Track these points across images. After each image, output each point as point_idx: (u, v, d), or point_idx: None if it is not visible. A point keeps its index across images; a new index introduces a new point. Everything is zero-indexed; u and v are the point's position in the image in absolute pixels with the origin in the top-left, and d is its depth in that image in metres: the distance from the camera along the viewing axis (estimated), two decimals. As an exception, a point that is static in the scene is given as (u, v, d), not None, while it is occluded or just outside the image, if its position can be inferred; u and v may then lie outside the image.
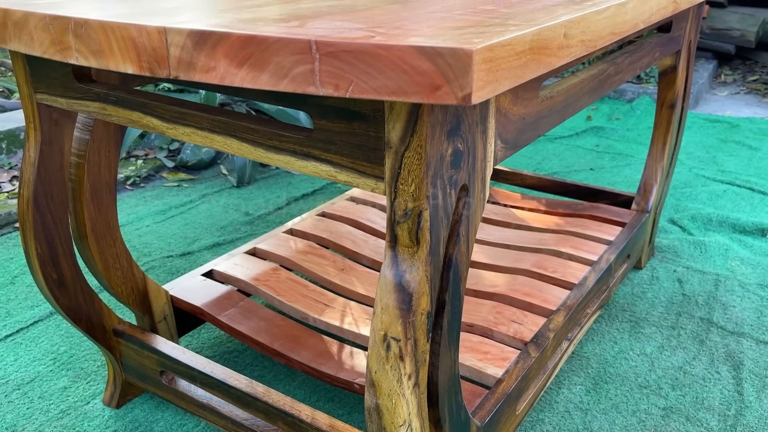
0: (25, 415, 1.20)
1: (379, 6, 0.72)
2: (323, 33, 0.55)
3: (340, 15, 0.65)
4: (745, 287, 1.62)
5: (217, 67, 0.57)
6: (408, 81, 0.52)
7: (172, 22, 0.60)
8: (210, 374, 1.05)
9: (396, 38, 0.54)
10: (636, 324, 1.48)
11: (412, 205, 0.64)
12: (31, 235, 1.00)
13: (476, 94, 0.52)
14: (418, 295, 0.67)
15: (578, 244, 1.47)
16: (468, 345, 1.12)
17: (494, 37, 0.55)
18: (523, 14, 0.67)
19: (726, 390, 1.27)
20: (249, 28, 0.56)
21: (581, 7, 0.74)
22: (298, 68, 0.54)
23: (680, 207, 2.06)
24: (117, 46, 0.61)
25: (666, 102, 1.59)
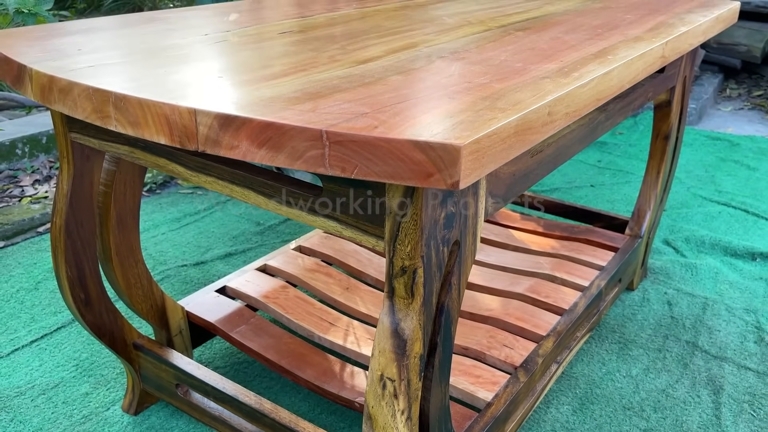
0: (50, 420, 1.30)
1: (384, 78, 0.80)
2: (332, 120, 0.63)
3: (348, 92, 0.73)
4: (731, 311, 1.70)
5: (240, 146, 0.65)
6: (404, 168, 0.61)
7: (201, 100, 0.68)
8: (222, 390, 1.14)
9: (395, 127, 0.62)
10: (624, 345, 1.56)
11: (408, 263, 0.73)
12: (62, 260, 1.09)
13: (463, 181, 0.61)
14: (412, 341, 0.75)
15: (571, 269, 1.55)
16: (462, 368, 1.20)
17: (481, 128, 0.63)
18: (512, 92, 0.75)
19: (705, 414, 1.35)
20: (268, 113, 0.65)
21: (567, 80, 0.81)
22: (311, 152, 0.63)
23: (675, 228, 2.14)
24: (152, 121, 0.69)
25: (661, 133, 1.66)
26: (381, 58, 0.90)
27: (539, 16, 1.29)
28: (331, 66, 0.85)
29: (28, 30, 1.07)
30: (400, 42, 1.01)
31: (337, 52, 0.93)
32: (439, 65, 0.87)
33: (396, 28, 1.13)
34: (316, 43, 0.98)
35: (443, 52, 0.95)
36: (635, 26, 1.20)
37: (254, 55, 0.90)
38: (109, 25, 1.13)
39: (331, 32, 1.07)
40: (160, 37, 1.02)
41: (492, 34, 1.09)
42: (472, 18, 1.24)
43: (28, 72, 0.81)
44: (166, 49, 0.93)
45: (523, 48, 0.99)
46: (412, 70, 0.84)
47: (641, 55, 0.99)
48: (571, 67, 0.88)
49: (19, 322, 1.61)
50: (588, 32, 1.13)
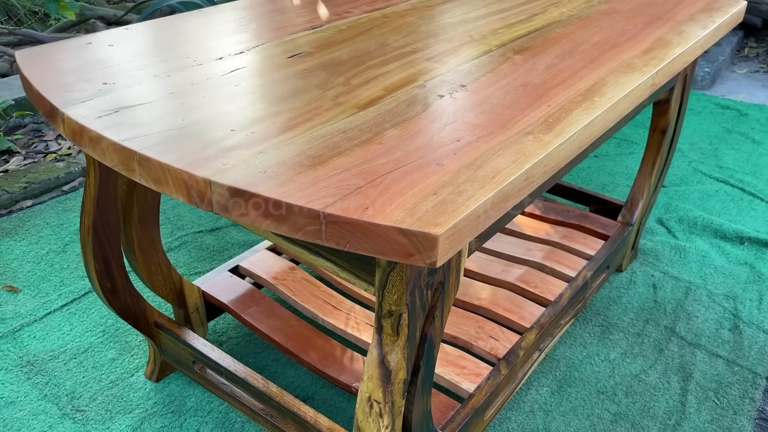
0: (81, 383, 1.46)
1: (381, 133, 0.88)
2: (329, 197, 0.72)
3: (347, 155, 0.82)
4: (712, 297, 1.80)
5: (248, 214, 0.75)
6: (389, 248, 0.70)
7: (215, 165, 0.78)
8: (234, 372, 1.27)
9: (384, 208, 0.71)
10: (606, 329, 1.68)
11: (395, 309, 0.84)
12: (91, 256, 1.21)
13: (440, 260, 0.70)
14: (396, 370, 0.87)
15: (561, 258, 1.65)
16: (450, 359, 1.33)
17: (460, 209, 0.72)
18: (495, 156, 0.83)
19: (672, 400, 1.49)
20: (272, 188, 0.74)
21: (549, 136, 0.89)
22: (310, 227, 0.72)
23: (671, 207, 2.21)
24: (172, 182, 0.79)
25: (658, 128, 1.72)
26: (381, 100, 0.97)
27: (541, 28, 1.33)
28: (334, 112, 0.93)
29: (58, 48, 1.14)
30: (402, 73, 1.08)
31: (341, 91, 1.00)
32: (434, 111, 0.94)
33: (400, 48, 1.19)
34: (322, 75, 1.06)
35: (441, 89, 1.02)
36: (632, 44, 1.25)
37: (265, 95, 0.97)
38: (127, 42, 1.20)
39: (338, 56, 1.14)
40: (176, 65, 1.09)
41: (490, 60, 1.14)
42: (474, 32, 1.29)
43: (61, 115, 0.90)
44: (184, 87, 1.01)
45: (517, 83, 1.06)
46: (408, 120, 0.92)
47: (628, 94, 1.06)
48: (557, 115, 0.95)
49: (50, 285, 1.75)
50: (584, 56, 1.18)
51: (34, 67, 1.05)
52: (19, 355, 1.52)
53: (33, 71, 1.03)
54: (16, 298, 1.69)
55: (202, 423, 1.37)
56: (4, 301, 1.69)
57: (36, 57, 1.09)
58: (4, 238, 1.93)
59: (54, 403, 1.40)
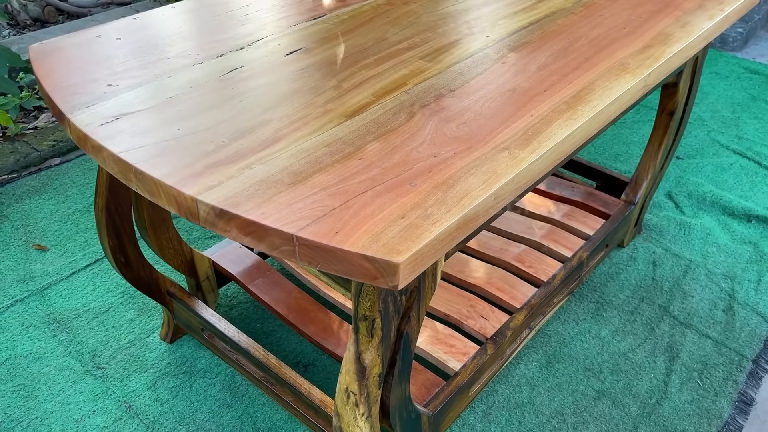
0: (102, 342, 1.58)
1: (363, 147, 0.93)
2: (303, 220, 0.79)
3: (326, 171, 0.87)
4: (710, 276, 1.84)
5: (231, 231, 0.82)
6: (356, 271, 0.77)
7: (204, 182, 0.84)
8: (237, 342, 1.38)
9: (353, 233, 0.77)
10: (601, 306, 1.74)
11: (369, 314, 0.91)
12: (105, 233, 1.30)
13: (402, 284, 0.77)
14: (371, 367, 0.95)
15: (559, 237, 1.70)
16: (440, 337, 1.41)
17: (424, 235, 0.78)
18: (466, 175, 0.88)
19: (655, 379, 1.55)
20: (252, 209, 0.80)
21: (524, 152, 0.93)
22: (285, 247, 0.79)
23: (683, 180, 2.22)
24: (164, 196, 0.86)
25: (666, 109, 1.71)
26: (369, 108, 1.02)
27: (543, 18, 1.34)
28: (322, 121, 0.98)
29: (68, 43, 1.20)
30: (394, 74, 1.11)
31: (331, 96, 1.04)
32: (417, 122, 0.99)
33: (397, 43, 1.21)
34: (317, 77, 1.10)
35: (428, 96, 1.06)
36: (631, 39, 1.25)
37: (258, 100, 1.03)
38: (133, 35, 1.25)
39: (335, 53, 1.17)
40: (178, 63, 1.14)
41: (484, 59, 1.17)
42: (475, 23, 1.30)
43: (67, 120, 0.97)
44: (183, 91, 1.07)
45: (505, 87, 1.08)
46: (391, 132, 0.96)
47: (615, 101, 1.08)
48: (537, 127, 0.99)
49: (75, 245, 1.87)
50: (579, 54, 1.20)
51: (44, 65, 1.11)
52: (47, 313, 1.65)
53: (43, 70, 1.09)
54: (44, 257, 1.82)
55: (210, 384, 1.49)
56: (33, 259, 1.81)
57: (47, 54, 1.15)
58: (34, 197, 2.05)
59: (77, 360, 1.53)
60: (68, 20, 3.75)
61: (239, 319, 1.65)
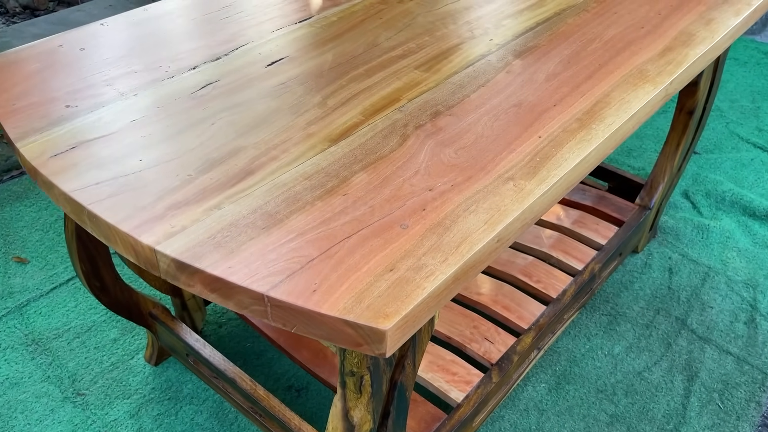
0: (84, 365, 1.49)
1: (349, 179, 0.82)
2: (276, 276, 0.68)
3: (306, 211, 0.76)
4: (730, 285, 1.72)
5: (195, 286, 0.71)
6: (337, 336, 0.66)
7: (163, 228, 0.73)
8: (224, 372, 1.28)
9: (333, 291, 0.67)
10: (614, 319, 1.63)
11: (356, 370, 0.80)
12: (77, 258, 1.20)
13: (390, 351, 0.66)
14: (360, 424, 0.85)
15: (569, 247, 1.59)
16: (440, 364, 1.31)
17: (415, 292, 0.67)
18: (466, 213, 0.77)
19: (673, 401, 1.45)
20: (218, 261, 0.70)
21: (531, 183, 0.82)
22: (255, 306, 0.69)
23: (700, 177, 2.09)
24: (120, 243, 0.75)
25: (685, 108, 1.59)
26: (357, 129, 0.90)
27: (552, 17, 1.21)
28: (303, 147, 0.87)
29: (28, 54, 1.08)
30: (386, 88, 1.00)
31: (315, 116, 0.93)
32: (410, 147, 0.87)
33: (390, 50, 1.10)
34: (299, 92, 0.98)
35: (423, 114, 0.94)
36: (650, 41, 1.13)
37: (233, 122, 0.91)
38: (99, 44, 1.13)
39: (321, 62, 1.06)
40: (146, 78, 1.03)
41: (486, 68, 1.05)
42: (476, 24, 1.18)
43: (17, 150, 0.86)
44: (149, 111, 0.95)
45: (510, 102, 0.97)
46: (381, 159, 0.85)
47: (632, 117, 0.96)
48: (546, 151, 0.87)
49: (57, 256, 1.77)
50: (592, 60, 1.08)
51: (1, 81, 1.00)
52: (25, 333, 1.56)
53: (-4, 88, 0.98)
54: (24, 271, 1.72)
55: (197, 412, 1.40)
56: (13, 273, 1.72)
57: (5, 68, 1.04)
58: (15, 203, 1.95)
59: (56, 386, 1.44)
60: (59, 6, 3.63)
61: (228, 338, 1.56)
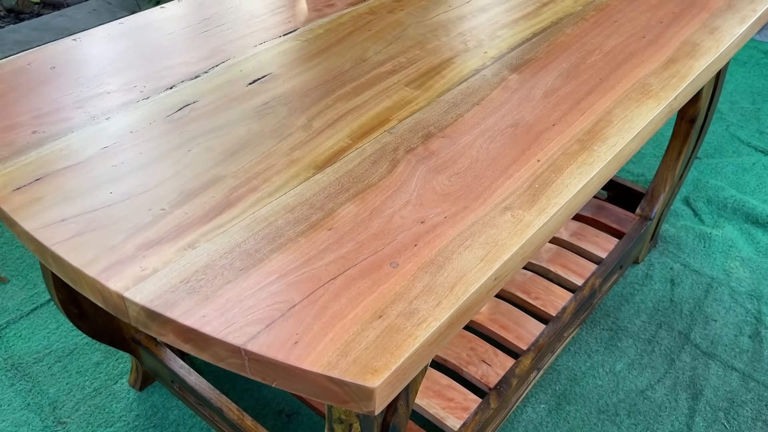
0: (65, 390, 1.43)
1: (335, 211, 0.76)
2: (254, 326, 0.62)
3: (287, 249, 0.71)
4: (734, 296, 1.67)
5: (167, 335, 0.66)
6: (320, 392, 0.61)
7: (133, 272, 0.68)
8: (209, 400, 1.22)
9: (317, 342, 0.61)
10: (615, 334, 1.58)
11: (345, 418, 0.75)
12: (52, 285, 1.14)
13: (378, 408, 0.61)
14: (350, 472, 0.79)
15: (568, 261, 1.53)
16: (436, 389, 1.25)
17: (407, 342, 0.61)
18: (460, 249, 0.71)
19: (677, 422, 1.40)
20: (192, 309, 0.64)
21: (530, 214, 0.76)
22: (232, 359, 0.63)
23: (701, 183, 2.04)
24: (88, 287, 0.69)
25: (686, 116, 1.54)
26: (344, 155, 0.85)
27: (549, 27, 1.16)
28: (286, 176, 0.81)
29: (-7, 67, 1.02)
30: (375, 107, 0.94)
31: (299, 139, 0.87)
32: (401, 173, 0.82)
33: (380, 65, 1.04)
34: (282, 113, 0.92)
35: (414, 136, 0.88)
36: (652, 51, 1.08)
37: (211, 149, 0.86)
38: (71, 61, 1.07)
39: (306, 80, 1.00)
40: (119, 100, 0.97)
41: (481, 84, 0.99)
42: (470, 35, 1.12)
43: (-22, 182, 0.80)
44: (122, 137, 0.90)
45: (506, 122, 0.91)
46: (369, 188, 0.79)
47: (636, 136, 0.91)
48: (546, 177, 0.82)
49: (38, 274, 1.71)
50: (592, 73, 1.02)
51: (-38, 104, 0.94)
52: (4, 357, 1.50)
53: (-41, 113, 0.92)
54: (3, 290, 1.66)
55: (183, 440, 1.35)
56: (-8, 292, 1.66)
57: (-33, 88, 0.98)
58: (-5, 218, 1.89)
59: (37, 414, 1.38)
60: (45, 9, 3.56)
61: (217, 359, 1.50)
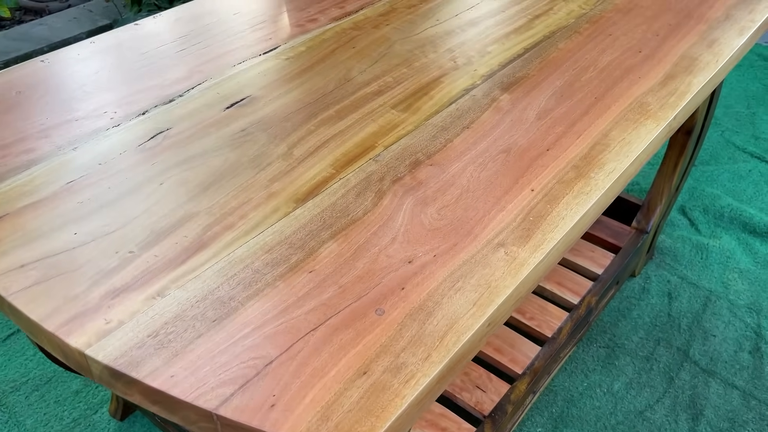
0: (43, 421, 1.38)
1: (315, 252, 0.71)
2: (226, 387, 0.57)
3: (263, 297, 0.66)
4: (733, 310, 1.64)
5: (134, 396, 0.60)
6: (301, 460, 0.56)
7: (96, 326, 0.62)
8: None
9: (293, 405, 0.56)
10: (612, 352, 1.54)
11: (329, 473, 0.70)
12: (24, 319, 1.09)
13: (364, 476, 0.56)
14: None
15: (564, 279, 1.49)
16: (429, 418, 1.21)
17: (394, 403, 0.56)
18: (452, 293, 0.66)
19: (678, 444, 1.36)
20: (160, 368, 0.59)
21: (525, 251, 0.72)
22: (204, 423, 0.58)
23: (697, 191, 2.00)
24: (47, 342, 0.64)
25: (683, 127, 1.49)
26: (327, 186, 0.80)
27: (541, 42, 1.11)
28: (264, 211, 0.76)
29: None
30: (360, 132, 0.89)
31: (279, 169, 0.82)
32: (387, 206, 0.77)
33: (365, 85, 0.99)
34: (262, 140, 0.87)
35: (401, 164, 0.83)
36: (649, 67, 1.03)
37: (184, 181, 0.80)
38: (39, 83, 1.01)
39: (287, 102, 0.95)
40: (88, 127, 0.91)
41: (471, 105, 0.94)
42: (459, 51, 1.07)
43: (-68, 223, 0.75)
44: (89, 170, 0.84)
45: (498, 147, 0.86)
46: (353, 224, 0.74)
47: (635, 160, 0.86)
48: (540, 208, 0.77)
49: (16, 297, 1.65)
50: (587, 92, 0.97)
51: None
52: (-20, 387, 1.44)
53: None
54: (-20, 315, 1.60)
55: (166, 473, 1.29)
56: (-32, 317, 1.60)
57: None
58: (-28, 238, 1.83)
59: (13, 447, 1.33)
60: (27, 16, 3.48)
61: (201, 385, 1.45)
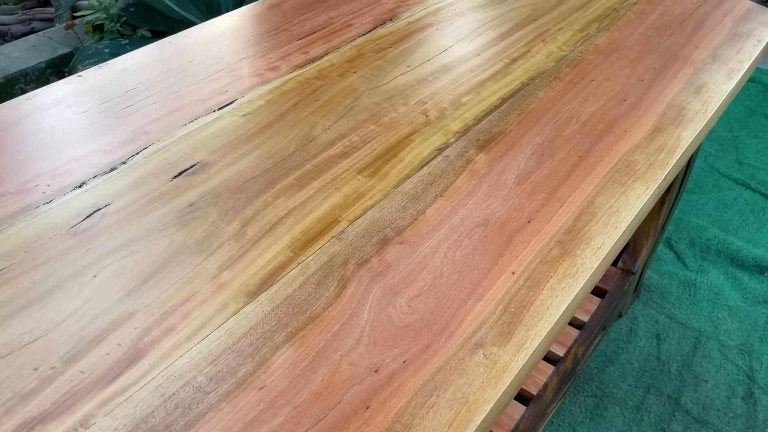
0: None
1: (266, 363, 0.62)
2: None
3: (206, 420, 0.57)
4: (724, 352, 1.57)
5: None
6: None
7: None
8: None
9: None
10: (600, 402, 1.46)
11: None
12: None
13: None
14: None
15: (548, 328, 1.41)
16: (407, 493, 1.12)
17: None
18: (423, 412, 0.58)
19: (672, 505, 1.29)
20: None
21: (506, 350, 0.63)
22: None
23: (682, 223, 1.94)
24: None
25: (669, 165, 1.43)
26: (283, 273, 0.71)
27: (519, 90, 1.03)
28: (210, 310, 0.67)
29: None
30: (322, 204, 0.80)
31: (230, 254, 0.73)
32: (351, 297, 0.68)
33: (328, 146, 0.90)
34: (212, 217, 0.78)
35: (368, 243, 0.75)
36: (635, 119, 0.96)
37: (120, 273, 0.71)
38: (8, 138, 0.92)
39: (242, 169, 0.86)
40: (14, 205, 0.82)
41: (444, 168, 0.86)
42: (431, 104, 0.99)
43: None
44: (11, 261, 0.75)
45: (475, 219, 0.78)
46: (312, 321, 0.66)
47: (626, 231, 0.78)
48: (522, 296, 0.69)
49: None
50: (570, 150, 0.90)
51: None
52: None
53: None
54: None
55: None
56: None
57: None
58: None
59: None
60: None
61: None
